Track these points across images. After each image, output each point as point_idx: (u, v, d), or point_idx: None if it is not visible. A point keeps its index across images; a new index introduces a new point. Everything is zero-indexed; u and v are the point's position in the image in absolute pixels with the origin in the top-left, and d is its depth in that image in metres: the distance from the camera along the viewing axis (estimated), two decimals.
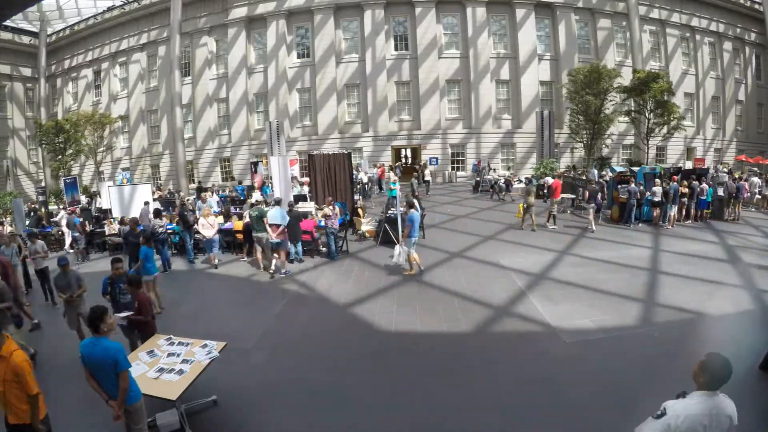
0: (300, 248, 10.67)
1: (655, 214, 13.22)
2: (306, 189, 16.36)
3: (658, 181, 13.37)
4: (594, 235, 12.12)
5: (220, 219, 12.77)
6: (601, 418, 4.30)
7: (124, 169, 28.61)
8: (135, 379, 4.24)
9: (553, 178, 16.53)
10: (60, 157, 26.14)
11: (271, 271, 9.58)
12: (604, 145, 24.61)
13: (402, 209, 10.17)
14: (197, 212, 12.58)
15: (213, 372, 4.63)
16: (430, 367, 5.47)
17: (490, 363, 5.55)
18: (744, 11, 30.27)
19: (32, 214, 17.76)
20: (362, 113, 27.19)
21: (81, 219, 13.30)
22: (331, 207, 10.77)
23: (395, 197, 11.52)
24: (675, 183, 13.22)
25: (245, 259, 10.97)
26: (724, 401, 2.48)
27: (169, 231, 11.60)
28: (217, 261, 10.67)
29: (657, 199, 12.99)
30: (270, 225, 9.63)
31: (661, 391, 2.88)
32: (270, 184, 16.96)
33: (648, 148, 23.71)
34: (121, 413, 3.52)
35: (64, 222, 13.49)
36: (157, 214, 11.13)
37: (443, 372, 5.33)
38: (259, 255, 10.11)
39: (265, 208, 10.38)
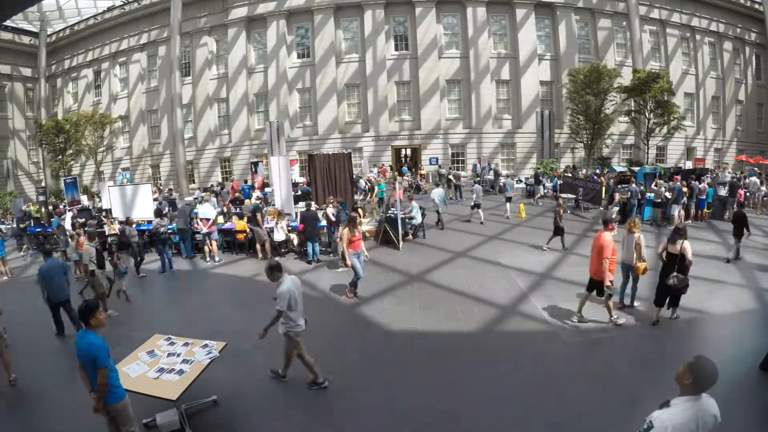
0: (317, 248, 10.58)
1: (659, 215, 13.19)
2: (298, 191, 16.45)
3: (661, 182, 13.35)
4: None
5: (221, 219, 12.79)
6: (601, 418, 4.30)
7: (124, 169, 28.65)
8: (134, 378, 4.27)
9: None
10: (60, 157, 26.14)
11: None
12: (604, 145, 24.61)
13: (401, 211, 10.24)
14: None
15: (213, 372, 4.63)
16: (430, 367, 5.47)
17: (490, 362, 5.54)
18: (744, 11, 30.26)
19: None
20: (363, 113, 27.20)
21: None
22: (332, 207, 10.82)
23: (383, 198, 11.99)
24: (678, 183, 13.21)
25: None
26: (707, 402, 2.45)
27: (169, 231, 11.61)
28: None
29: (659, 200, 12.97)
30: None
31: (661, 391, 2.87)
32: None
33: (648, 148, 23.70)
34: (101, 408, 3.60)
35: (67, 223, 13.46)
36: (159, 213, 11.14)
37: (443, 371, 5.33)
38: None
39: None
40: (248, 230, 11.37)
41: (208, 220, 11.45)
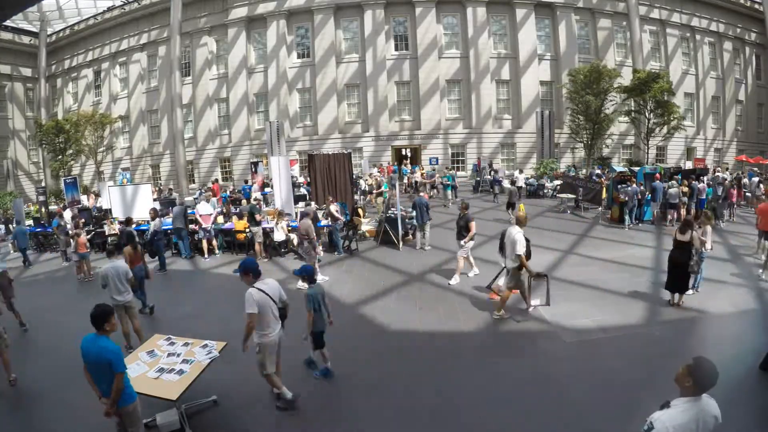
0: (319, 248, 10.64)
1: (669, 216, 13.24)
2: (303, 189, 16.52)
3: (674, 182, 13.34)
4: (595, 234, 12.10)
5: (220, 219, 12.81)
6: (601, 418, 4.30)
7: (124, 169, 28.64)
8: (134, 379, 4.25)
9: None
10: (60, 157, 26.13)
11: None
12: (604, 145, 24.61)
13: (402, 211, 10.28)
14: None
15: (213, 372, 4.62)
16: (430, 367, 5.47)
17: (490, 362, 5.54)
18: (744, 11, 30.26)
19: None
20: (363, 113, 27.20)
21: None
22: (334, 205, 10.94)
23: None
24: (657, 181, 13.34)
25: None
26: (708, 403, 2.45)
27: (168, 231, 11.63)
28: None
29: (674, 201, 13.04)
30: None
31: (662, 391, 2.87)
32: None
33: (648, 148, 23.69)
34: (113, 412, 3.54)
35: (67, 216, 13.58)
36: (155, 214, 11.11)
37: (443, 371, 5.33)
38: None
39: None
40: (248, 230, 11.38)
41: (209, 215, 11.68)
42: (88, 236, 11.39)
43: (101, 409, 3.58)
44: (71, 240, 10.89)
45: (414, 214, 11.59)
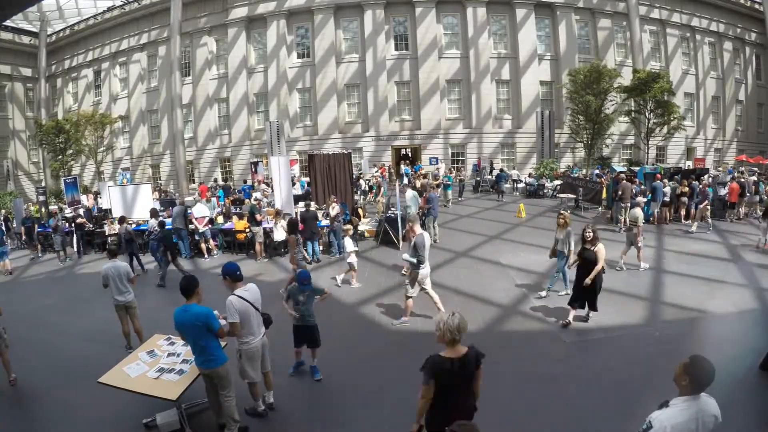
0: (317, 248, 10.64)
1: (665, 214, 13.37)
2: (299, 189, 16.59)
3: (666, 181, 13.47)
4: None
5: (220, 219, 12.82)
6: (601, 417, 4.30)
7: (124, 170, 28.62)
8: (134, 379, 4.29)
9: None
10: (60, 157, 26.14)
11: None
12: (604, 145, 24.61)
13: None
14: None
15: None
16: None
17: (490, 362, 5.45)
18: (744, 11, 30.26)
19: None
20: (363, 113, 27.20)
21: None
22: (336, 205, 10.99)
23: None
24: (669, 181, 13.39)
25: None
26: (707, 402, 2.45)
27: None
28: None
29: (667, 199, 13.21)
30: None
31: (661, 391, 2.87)
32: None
33: (648, 148, 23.70)
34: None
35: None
36: (154, 214, 11.12)
37: None
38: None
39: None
40: (248, 230, 11.38)
41: (204, 218, 11.67)
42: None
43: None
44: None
45: (409, 203, 11.72)
